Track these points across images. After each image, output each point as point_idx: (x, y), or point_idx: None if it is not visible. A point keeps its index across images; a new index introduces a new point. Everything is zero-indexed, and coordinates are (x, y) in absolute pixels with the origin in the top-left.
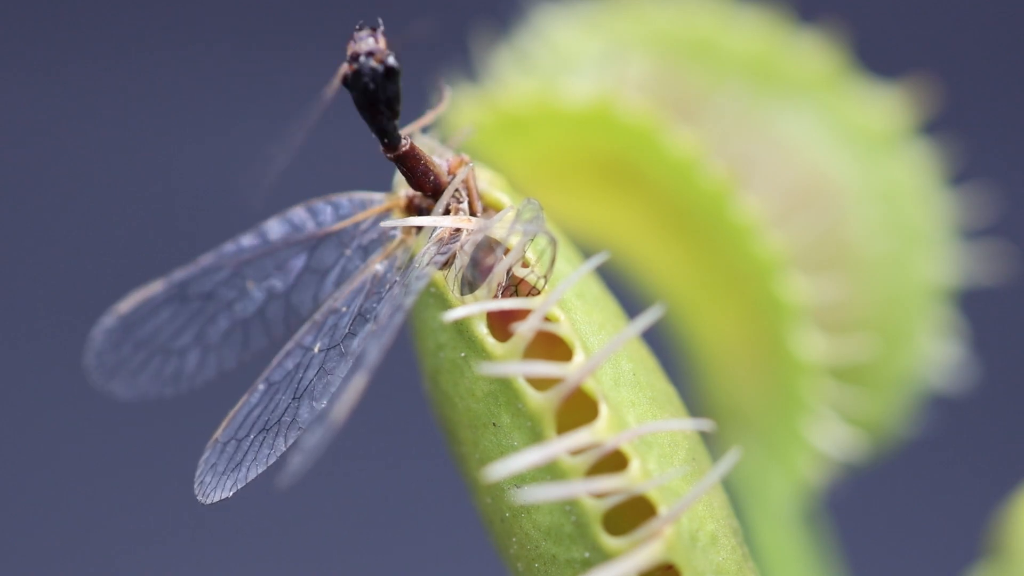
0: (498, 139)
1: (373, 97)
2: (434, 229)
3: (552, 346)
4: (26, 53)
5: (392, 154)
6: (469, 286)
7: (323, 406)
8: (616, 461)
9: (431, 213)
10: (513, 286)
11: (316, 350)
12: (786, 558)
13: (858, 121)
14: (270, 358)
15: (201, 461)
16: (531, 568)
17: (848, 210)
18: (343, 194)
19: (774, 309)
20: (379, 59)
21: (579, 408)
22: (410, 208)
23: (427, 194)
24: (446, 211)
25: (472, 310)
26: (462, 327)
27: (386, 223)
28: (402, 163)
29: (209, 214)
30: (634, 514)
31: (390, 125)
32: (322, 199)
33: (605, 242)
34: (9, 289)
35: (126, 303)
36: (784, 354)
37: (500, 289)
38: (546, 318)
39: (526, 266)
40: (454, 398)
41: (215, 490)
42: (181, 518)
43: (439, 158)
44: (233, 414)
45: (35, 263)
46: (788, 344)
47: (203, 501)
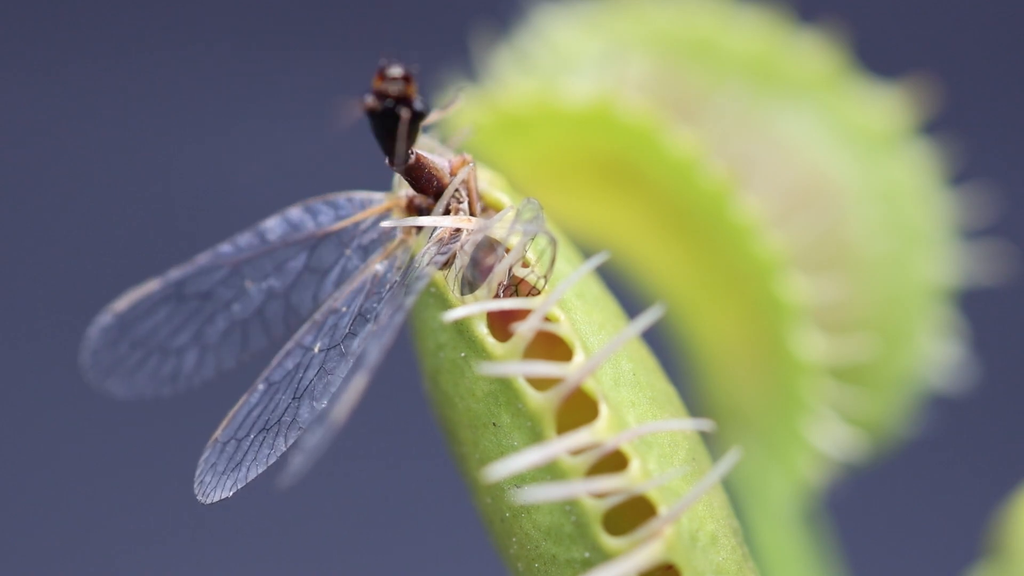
0: (498, 139)
1: (394, 133)
2: (434, 229)
3: (552, 346)
4: (26, 53)
5: (399, 168)
6: (469, 286)
7: (323, 406)
8: (616, 461)
9: (431, 213)
10: (513, 286)
11: (316, 350)
12: (786, 558)
13: (858, 121)
14: (269, 358)
15: (201, 461)
16: (531, 568)
17: (848, 210)
18: (343, 194)
19: (774, 309)
20: (408, 104)
21: (579, 408)
22: (410, 208)
23: (429, 195)
24: (446, 211)
25: (472, 310)
26: (462, 327)
27: (386, 223)
28: (408, 174)
29: (209, 214)
30: (634, 514)
31: (402, 150)
32: (322, 199)
33: (605, 242)
34: (9, 289)
35: (122, 302)
36: (784, 354)
37: (500, 289)
38: (546, 318)
39: (526, 266)
40: (454, 398)
41: (215, 490)
42: (181, 518)
43: (441, 158)
44: (233, 414)
45: (35, 263)
46: (788, 344)
47: (203, 501)
